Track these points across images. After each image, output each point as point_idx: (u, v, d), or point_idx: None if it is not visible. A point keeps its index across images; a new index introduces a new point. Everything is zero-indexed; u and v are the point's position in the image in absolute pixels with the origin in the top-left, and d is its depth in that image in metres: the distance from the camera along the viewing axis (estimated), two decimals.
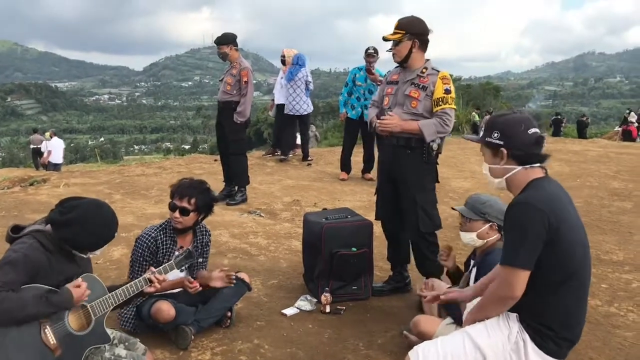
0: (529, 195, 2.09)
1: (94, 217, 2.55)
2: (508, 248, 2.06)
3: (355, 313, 3.87)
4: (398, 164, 3.88)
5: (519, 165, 2.15)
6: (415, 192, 3.83)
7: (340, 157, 8.62)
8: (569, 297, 2.09)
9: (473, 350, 2.10)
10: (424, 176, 3.87)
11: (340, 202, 6.92)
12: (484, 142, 2.21)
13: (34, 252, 2.40)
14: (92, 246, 2.59)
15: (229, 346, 3.40)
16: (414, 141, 3.80)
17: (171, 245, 3.50)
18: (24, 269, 2.34)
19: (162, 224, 3.55)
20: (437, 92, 3.77)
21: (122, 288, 2.68)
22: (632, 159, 10.70)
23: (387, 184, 4.01)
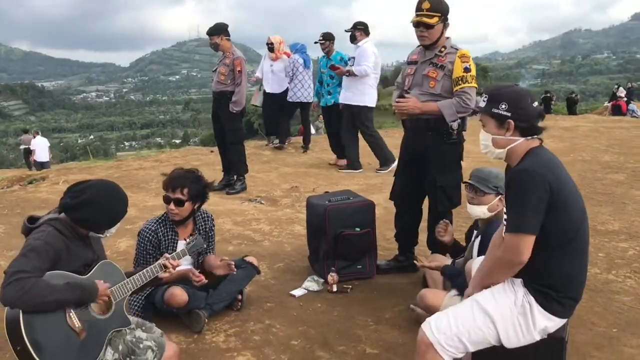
0: (528, 162, 2.17)
1: (106, 195, 2.62)
2: (513, 215, 2.13)
3: (361, 291, 3.96)
4: (420, 145, 3.92)
5: (522, 137, 2.23)
6: (436, 173, 3.88)
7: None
8: (570, 258, 2.19)
9: (482, 316, 2.19)
10: (446, 156, 3.88)
11: (338, 187, 6.98)
12: (489, 112, 2.27)
13: (53, 239, 2.47)
14: (108, 223, 2.65)
15: (242, 327, 3.49)
16: (433, 122, 3.82)
17: (173, 237, 3.57)
18: (47, 256, 2.42)
19: (161, 217, 3.62)
20: (456, 71, 3.75)
21: (138, 274, 2.76)
22: (622, 133, 10.86)
23: (408, 167, 4.07)
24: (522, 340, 2.18)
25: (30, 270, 2.33)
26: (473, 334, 2.17)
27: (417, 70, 3.91)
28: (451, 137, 3.85)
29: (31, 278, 2.31)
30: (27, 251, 2.41)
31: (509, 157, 2.28)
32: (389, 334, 3.36)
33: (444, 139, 3.86)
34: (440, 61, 3.80)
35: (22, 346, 2.31)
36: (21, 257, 2.38)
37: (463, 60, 3.75)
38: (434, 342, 2.16)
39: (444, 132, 3.83)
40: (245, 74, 6.74)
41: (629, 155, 8.51)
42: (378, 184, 7.12)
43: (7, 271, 2.32)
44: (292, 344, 3.29)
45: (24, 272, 2.31)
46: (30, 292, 2.29)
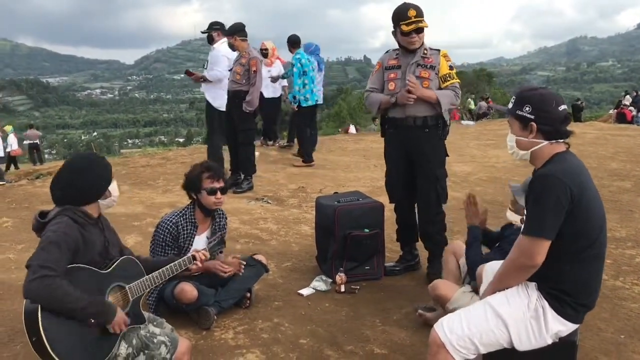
0: (552, 167, 2.17)
1: (81, 161, 2.68)
2: (531, 219, 2.14)
3: (369, 292, 3.98)
4: (417, 144, 3.99)
5: (546, 140, 2.24)
6: (436, 169, 4.02)
7: None
8: (587, 265, 2.20)
9: (495, 319, 2.20)
10: (440, 152, 4.07)
11: (345, 188, 7.00)
12: (514, 114, 2.28)
13: (71, 229, 2.50)
14: (104, 181, 2.68)
15: (250, 325, 3.50)
16: (430, 120, 3.95)
17: (192, 230, 3.60)
18: (67, 247, 2.44)
19: (182, 210, 3.64)
20: (442, 69, 3.94)
21: (159, 271, 2.79)
22: (629, 141, 10.86)
23: (401, 167, 4.12)
24: (534, 343, 2.19)
25: (54, 267, 2.35)
26: (485, 336, 2.18)
27: (404, 74, 3.98)
28: (444, 134, 4.05)
29: (57, 278, 2.32)
30: (47, 244, 2.42)
31: (533, 159, 2.28)
32: (396, 335, 3.37)
33: (439, 136, 4.02)
34: (428, 62, 3.95)
35: (38, 337, 2.32)
36: (42, 250, 2.40)
37: (447, 60, 3.98)
38: (446, 343, 2.18)
39: (439, 129, 3.99)
40: (261, 75, 6.77)
41: (635, 163, 8.52)
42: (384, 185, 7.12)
43: (31, 264, 2.34)
44: (300, 342, 3.30)
45: (49, 268, 2.33)
46: (54, 295, 2.30)
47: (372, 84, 4.19)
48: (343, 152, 9.67)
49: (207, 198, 3.54)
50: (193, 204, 3.64)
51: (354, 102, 65.10)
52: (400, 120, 4.04)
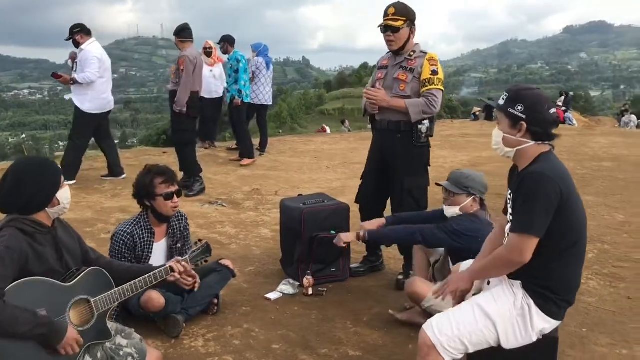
0: (542, 167, 2.21)
1: (25, 167, 2.47)
2: (522, 216, 2.18)
3: (336, 294, 3.97)
4: (389, 148, 3.98)
5: (533, 140, 2.26)
6: (404, 176, 3.95)
7: None
8: (571, 262, 2.26)
9: (484, 319, 2.23)
10: (414, 160, 3.96)
11: (301, 190, 6.97)
12: (505, 111, 2.29)
13: (16, 242, 2.30)
14: (52, 187, 2.46)
15: (220, 332, 3.43)
16: (403, 125, 3.89)
17: (149, 238, 3.48)
18: (11, 262, 2.24)
19: (136, 218, 3.50)
20: (424, 74, 3.85)
21: (131, 283, 2.63)
22: (568, 140, 11.32)
23: (375, 169, 4.12)
24: (521, 341, 2.24)
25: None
26: (474, 336, 2.21)
27: (387, 74, 3.98)
28: (420, 141, 3.93)
29: (1, 300, 2.16)
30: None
31: (517, 157, 2.31)
32: (369, 336, 3.38)
33: (413, 143, 3.94)
34: (410, 64, 3.89)
35: None
36: None
37: (431, 64, 3.86)
38: (437, 344, 2.19)
39: (413, 135, 3.91)
40: (189, 73, 6.55)
41: (576, 162, 8.89)
42: (339, 187, 7.15)
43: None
44: (273, 347, 3.25)
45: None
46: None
47: (369, 84, 4.21)
48: (294, 154, 9.63)
49: (164, 204, 3.43)
50: (146, 211, 3.52)
51: (294, 102, 65.10)
52: (378, 123, 4.06)
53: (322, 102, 70.93)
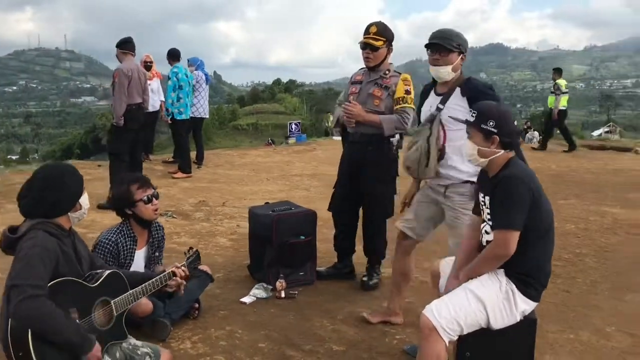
0: (514, 170, 2.55)
1: (53, 171, 2.60)
2: (503, 215, 2.50)
3: (308, 296, 4.17)
4: (361, 159, 4.20)
5: (502, 150, 2.60)
6: (375, 185, 4.19)
7: None
8: (543, 250, 2.60)
9: (475, 302, 2.52)
10: (385, 170, 4.20)
11: (248, 201, 7.14)
12: (478, 127, 2.61)
13: (49, 243, 2.41)
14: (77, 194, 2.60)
15: (204, 334, 3.54)
16: (375, 137, 4.13)
17: (132, 246, 3.56)
18: (49, 262, 2.35)
19: (119, 227, 3.57)
20: (398, 92, 4.10)
21: (142, 286, 2.79)
22: None
23: (347, 179, 4.33)
24: (507, 321, 2.55)
25: (42, 284, 2.28)
26: (469, 318, 2.50)
27: (362, 90, 4.20)
28: (390, 153, 4.21)
29: (46, 299, 2.25)
30: (29, 260, 2.32)
31: (490, 165, 2.64)
32: (348, 332, 3.61)
33: (384, 154, 4.19)
34: (385, 82, 4.13)
35: (25, 352, 2.26)
36: (26, 267, 2.30)
37: (405, 84, 4.13)
38: (437, 326, 2.46)
39: (384, 147, 4.18)
40: (123, 86, 6.61)
41: None
42: (284, 197, 7.32)
43: (18, 284, 2.25)
44: (260, 346, 3.41)
45: (38, 287, 2.25)
46: (43, 317, 2.24)
47: (341, 97, 4.44)
48: (231, 167, 9.74)
49: (146, 208, 3.52)
50: (127, 219, 3.60)
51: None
52: (351, 135, 4.27)
53: (235, 117, 70.73)
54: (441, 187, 3.34)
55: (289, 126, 24.34)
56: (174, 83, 8.32)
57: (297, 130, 24.51)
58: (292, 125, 24.67)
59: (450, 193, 3.29)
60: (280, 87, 77.13)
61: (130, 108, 6.56)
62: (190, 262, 3.31)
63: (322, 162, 10.55)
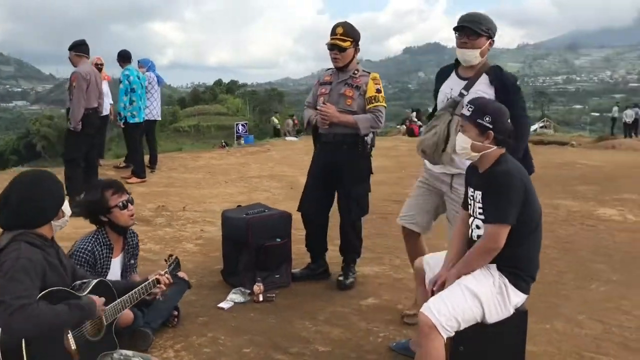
0: (508, 166, 2.60)
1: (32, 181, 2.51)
2: (496, 209, 2.55)
3: (285, 299, 4.14)
4: (335, 159, 4.20)
5: (495, 146, 2.65)
6: (351, 185, 4.22)
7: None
8: (533, 244, 2.68)
9: (471, 298, 2.56)
10: (359, 169, 4.23)
11: (208, 205, 7.05)
12: (474, 122, 2.64)
13: (34, 254, 2.33)
14: (60, 200, 2.54)
15: (186, 342, 3.46)
16: (350, 137, 4.15)
17: (108, 254, 3.45)
18: (35, 273, 2.28)
19: (94, 235, 3.45)
20: (369, 91, 4.14)
21: (129, 295, 2.74)
22: None
23: (320, 179, 4.33)
24: (501, 315, 2.61)
25: (28, 295, 2.19)
26: (466, 314, 2.54)
27: (332, 90, 4.21)
28: (365, 152, 4.24)
29: (33, 304, 2.18)
30: (13, 273, 2.23)
31: (481, 160, 2.68)
32: (332, 333, 3.60)
33: (358, 153, 4.22)
34: (355, 82, 4.17)
35: None
36: (10, 281, 2.20)
37: (375, 83, 4.18)
38: (437, 324, 2.48)
39: (359, 146, 4.20)
40: (81, 90, 6.43)
41: None
42: (246, 200, 7.25)
43: (3, 300, 2.16)
44: (245, 351, 3.36)
45: (24, 297, 2.18)
46: (39, 320, 2.19)
47: (309, 98, 4.42)
48: (186, 170, 9.56)
49: (122, 214, 3.41)
50: (102, 227, 3.48)
51: None
52: (324, 136, 4.26)
53: (176, 119, 69.50)
54: (447, 176, 3.38)
55: (236, 127, 24.15)
56: (125, 86, 8.10)
57: (244, 131, 24.33)
58: (239, 126, 24.47)
59: (457, 184, 3.31)
60: (222, 88, 76.31)
61: (87, 112, 6.37)
62: (172, 270, 3.25)
63: (278, 163, 10.52)
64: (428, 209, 3.55)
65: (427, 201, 3.54)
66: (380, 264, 4.92)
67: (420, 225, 3.57)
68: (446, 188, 3.41)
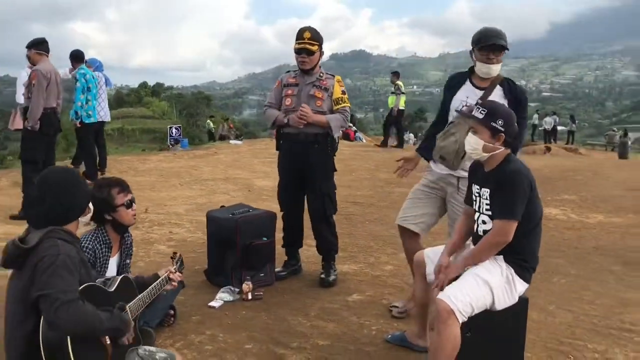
0: (516, 166, 2.82)
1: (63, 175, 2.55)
2: (505, 205, 2.75)
3: (273, 297, 4.23)
4: (306, 157, 4.34)
5: (503, 147, 2.87)
6: (322, 182, 4.39)
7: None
8: (536, 238, 2.91)
9: (484, 285, 2.76)
10: (329, 167, 4.44)
11: (169, 207, 7.00)
12: (487, 124, 2.82)
13: (70, 250, 2.36)
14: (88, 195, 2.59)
15: (186, 340, 3.49)
16: (321, 136, 4.33)
17: (107, 252, 3.43)
18: (75, 269, 2.31)
19: (94, 233, 3.42)
20: (336, 93, 4.35)
21: (147, 291, 2.78)
22: (379, 156, 12.69)
23: (293, 178, 4.44)
24: (508, 302, 2.82)
25: (72, 290, 2.21)
26: (479, 301, 2.73)
27: (301, 91, 4.35)
28: (333, 150, 4.45)
29: (78, 301, 2.20)
30: (55, 269, 2.24)
31: (490, 159, 2.87)
32: (326, 327, 3.72)
33: (328, 151, 4.42)
34: (323, 84, 4.36)
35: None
36: (53, 276, 2.22)
37: (340, 85, 4.42)
38: (455, 310, 2.66)
39: (328, 145, 4.41)
40: (41, 88, 6.26)
41: (390, 173, 10.05)
42: (207, 203, 7.27)
43: (49, 293, 2.17)
44: (247, 347, 3.43)
45: (69, 292, 2.19)
46: (83, 319, 2.22)
47: (271, 99, 4.49)
48: (136, 173, 9.39)
49: (126, 213, 3.41)
50: (103, 225, 3.46)
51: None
52: (293, 136, 4.36)
53: None
54: (454, 178, 3.57)
55: (169, 131, 23.66)
56: (82, 85, 7.91)
57: (177, 134, 23.87)
58: (173, 129, 23.98)
59: (463, 186, 3.46)
60: (147, 91, 74.39)
61: (46, 112, 6.18)
62: (179, 267, 3.29)
63: (229, 166, 10.50)
64: (431, 212, 3.72)
65: (429, 204, 3.72)
66: (356, 262, 5.09)
67: (421, 226, 3.73)
68: (452, 189, 3.61)
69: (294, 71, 4.46)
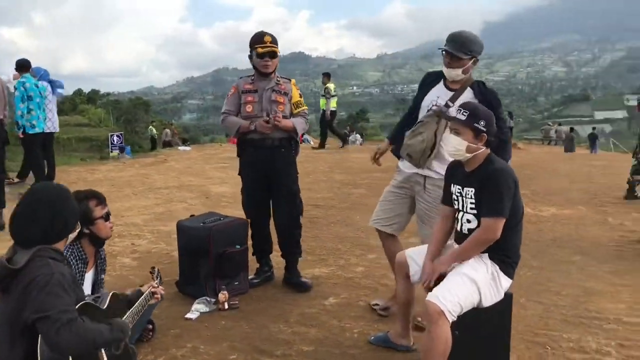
0: (501, 165, 2.90)
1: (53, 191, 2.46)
2: (493, 203, 2.81)
3: (249, 305, 4.18)
4: (273, 162, 4.33)
5: (485, 147, 2.94)
6: (291, 184, 4.42)
7: None
8: (518, 234, 2.99)
9: (470, 284, 2.81)
10: (294, 170, 4.50)
11: (126, 218, 6.82)
12: (471, 126, 2.88)
13: (62, 269, 2.29)
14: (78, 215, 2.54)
15: (167, 355, 3.41)
16: (286, 140, 4.36)
17: (82, 268, 3.32)
18: (70, 287, 2.25)
19: (69, 249, 3.29)
20: (294, 97, 4.43)
21: (134, 307, 2.73)
22: (328, 157, 12.76)
23: (259, 184, 4.41)
24: (495, 299, 2.89)
25: (71, 310, 2.14)
26: (468, 300, 2.78)
27: (262, 97, 4.32)
28: (296, 153, 4.53)
29: (78, 320, 2.13)
30: (51, 288, 2.16)
31: (473, 159, 2.94)
32: (308, 333, 3.71)
33: (292, 155, 4.48)
34: (282, 88, 4.38)
35: None
36: (49, 295, 2.13)
37: (297, 88, 4.51)
38: (444, 310, 2.70)
39: (292, 149, 4.46)
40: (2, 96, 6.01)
41: (354, 174, 10.16)
42: (166, 212, 7.13)
43: (49, 316, 2.10)
44: (231, 358, 3.38)
45: (68, 312, 2.12)
46: (85, 337, 2.16)
47: (229, 106, 4.42)
48: (86, 183, 9.07)
49: (104, 225, 3.32)
50: (78, 239, 3.34)
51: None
52: (259, 142, 4.33)
53: None
54: (421, 177, 3.63)
55: (110, 139, 23.06)
56: (21, 93, 7.59)
57: (119, 142, 23.28)
58: (114, 137, 23.38)
59: (429, 185, 3.58)
60: (82, 98, 72.10)
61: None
62: (159, 282, 3.22)
63: (181, 173, 10.32)
64: (402, 212, 3.79)
65: (400, 205, 3.78)
66: (327, 265, 5.10)
67: (394, 227, 3.80)
68: (419, 188, 3.66)
69: (248, 76, 4.46)
